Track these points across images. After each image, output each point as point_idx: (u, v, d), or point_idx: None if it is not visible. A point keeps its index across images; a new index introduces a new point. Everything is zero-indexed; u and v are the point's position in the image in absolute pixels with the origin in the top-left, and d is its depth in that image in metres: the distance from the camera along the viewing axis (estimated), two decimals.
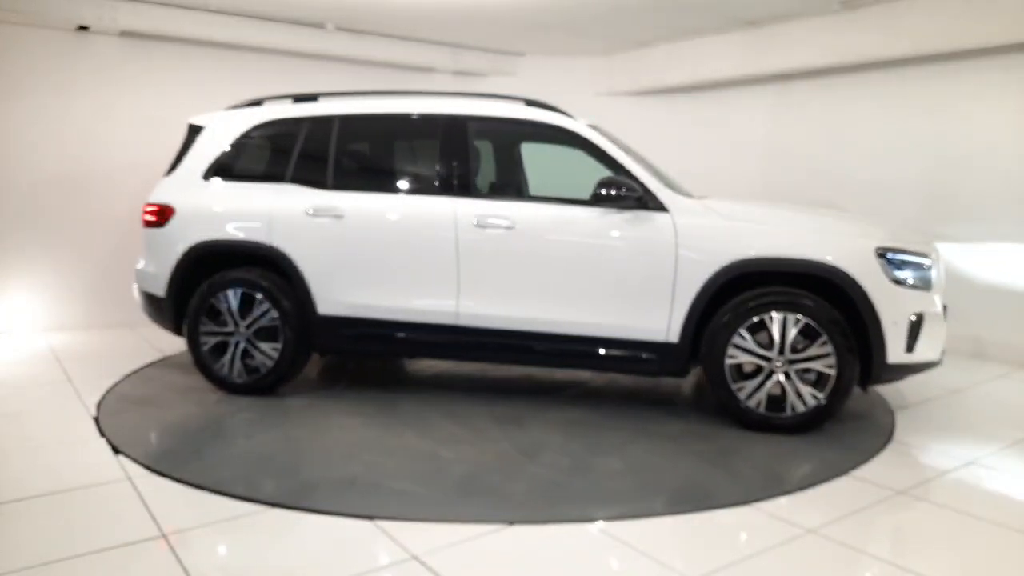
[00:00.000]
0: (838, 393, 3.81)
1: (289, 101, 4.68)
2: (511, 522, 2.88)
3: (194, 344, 4.45)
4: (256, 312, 4.36)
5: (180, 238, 4.48)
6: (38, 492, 3.09)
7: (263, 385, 4.42)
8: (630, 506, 3.06)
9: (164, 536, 2.73)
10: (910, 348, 3.87)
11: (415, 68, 7.84)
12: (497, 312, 4.16)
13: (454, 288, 4.19)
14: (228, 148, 4.59)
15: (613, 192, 3.97)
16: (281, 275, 4.39)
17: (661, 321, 3.98)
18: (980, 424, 4.22)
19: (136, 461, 3.43)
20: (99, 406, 4.25)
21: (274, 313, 4.33)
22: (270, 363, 4.38)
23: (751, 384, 3.89)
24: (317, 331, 4.38)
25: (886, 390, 4.76)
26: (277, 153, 4.61)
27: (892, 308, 3.81)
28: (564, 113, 4.34)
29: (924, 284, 3.93)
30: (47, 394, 4.51)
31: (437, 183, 4.31)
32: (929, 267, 3.97)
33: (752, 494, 3.16)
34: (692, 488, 3.28)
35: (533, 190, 5.26)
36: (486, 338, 4.20)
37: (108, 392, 4.52)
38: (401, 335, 4.31)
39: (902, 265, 3.89)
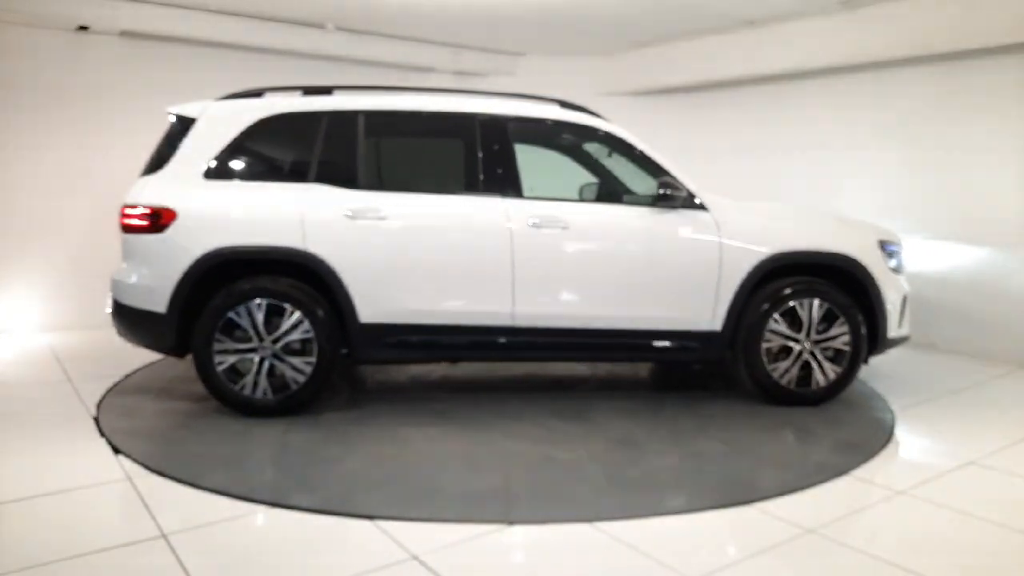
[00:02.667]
0: (853, 366, 4.36)
1: (297, 93, 4.32)
2: (511, 522, 2.88)
3: (206, 365, 4.00)
4: (286, 324, 3.99)
5: (187, 245, 3.97)
6: (38, 492, 3.09)
7: (294, 404, 4.06)
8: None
9: (164, 536, 2.73)
10: (900, 324, 4.52)
11: (415, 68, 7.84)
12: (555, 311, 4.20)
13: (509, 289, 4.13)
14: (231, 143, 4.12)
15: (670, 192, 4.20)
16: (315, 282, 4.04)
17: (707, 311, 4.28)
18: (980, 424, 4.22)
19: (136, 461, 3.43)
20: (99, 406, 4.25)
21: (307, 324, 3.99)
22: (302, 379, 4.03)
23: (784, 364, 4.32)
24: (358, 341, 4.09)
25: (886, 390, 4.77)
26: (293, 150, 4.26)
27: (891, 291, 4.43)
28: (598, 115, 4.50)
29: (902, 270, 4.62)
30: (47, 394, 4.51)
31: (483, 183, 4.21)
32: (902, 255, 4.67)
33: (752, 494, 3.16)
34: (692, 488, 3.29)
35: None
36: (542, 337, 4.23)
37: (108, 392, 4.51)
38: (450, 339, 4.16)
39: (892, 254, 4.54)
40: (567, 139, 4.73)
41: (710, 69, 7.28)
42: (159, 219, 4.01)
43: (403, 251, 4.08)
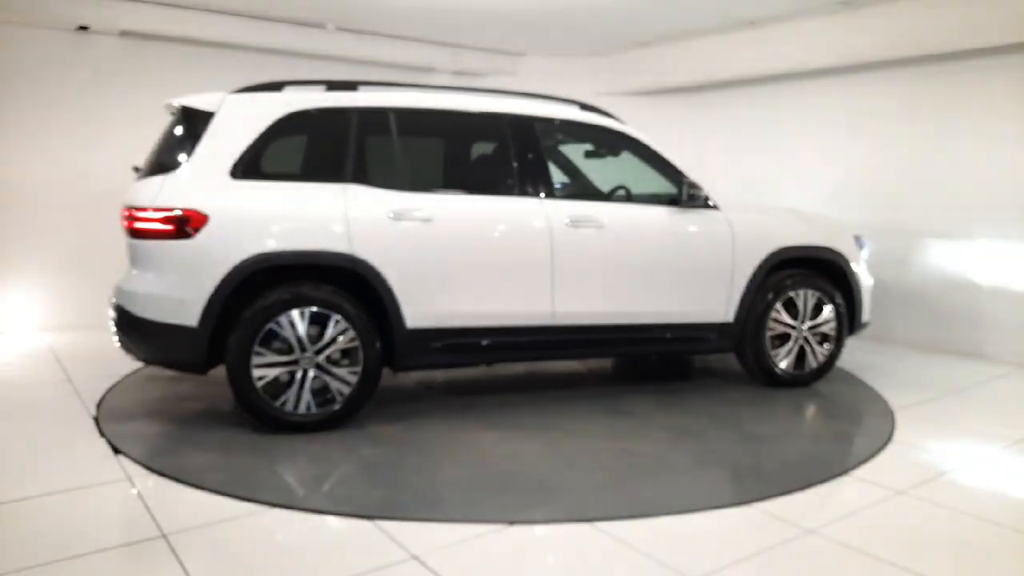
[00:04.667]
0: (839, 348, 4.84)
1: (320, 88, 4.10)
2: (511, 522, 2.88)
3: (244, 381, 3.67)
4: (330, 333, 3.76)
5: (223, 252, 3.64)
6: (38, 492, 3.09)
7: (339, 416, 3.84)
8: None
9: (164, 536, 2.73)
10: (868, 310, 5.03)
11: (415, 68, 7.84)
12: (590, 309, 4.29)
13: (549, 288, 4.16)
14: (256, 140, 3.81)
15: (694, 193, 4.47)
16: (359, 287, 3.85)
17: (722, 304, 4.57)
18: (980, 424, 4.22)
19: (136, 461, 3.43)
20: (99, 406, 4.25)
21: (352, 332, 3.79)
22: (347, 390, 3.83)
23: (784, 349, 4.72)
24: (404, 347, 3.94)
25: (886, 390, 4.77)
26: (325, 148, 4.02)
27: (864, 280, 4.95)
28: (616, 118, 4.63)
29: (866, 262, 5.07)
30: (47, 394, 4.50)
31: (520, 184, 4.21)
32: (868, 249, 5.17)
33: (752, 494, 3.16)
34: (691, 487, 3.29)
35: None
36: (579, 335, 4.31)
37: (108, 392, 4.51)
38: (494, 341, 4.12)
39: (862, 248, 5.05)
40: (587, 140, 4.79)
41: (710, 69, 7.28)
42: (188, 223, 3.63)
43: (448, 253, 3.98)
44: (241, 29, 6.66)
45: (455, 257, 4.00)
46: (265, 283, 3.73)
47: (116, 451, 3.56)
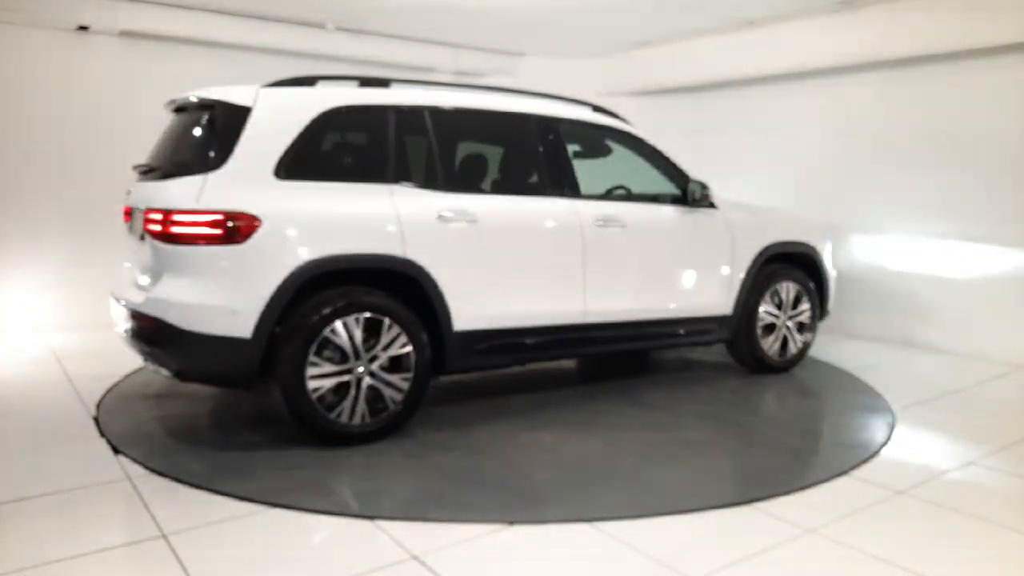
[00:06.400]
0: (813, 334, 5.26)
1: (353, 84, 3.98)
2: (511, 522, 2.88)
3: (300, 393, 3.47)
4: (384, 339, 3.63)
5: (279, 257, 3.43)
6: (38, 492, 3.09)
7: (393, 425, 3.72)
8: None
9: (164, 536, 2.73)
10: (832, 300, 5.43)
11: (415, 68, 7.84)
12: (616, 306, 4.42)
13: (582, 286, 4.25)
14: (299, 137, 3.59)
15: (705, 193, 4.70)
16: (411, 291, 3.75)
17: (724, 297, 4.85)
18: (980, 424, 4.21)
19: (136, 461, 3.43)
20: (99, 406, 4.24)
21: (404, 337, 3.67)
22: (400, 397, 3.71)
23: (771, 339, 5.05)
24: (452, 350, 3.87)
25: (886, 390, 4.77)
26: (366, 146, 3.89)
27: (830, 272, 5.34)
28: (622, 119, 4.80)
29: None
30: (47, 394, 4.50)
31: (553, 184, 4.27)
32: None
33: (752, 494, 3.17)
34: (691, 487, 3.29)
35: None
36: (606, 332, 4.42)
37: (108, 392, 4.51)
38: (531, 341, 4.13)
39: (829, 243, 5.39)
40: (600, 140, 4.86)
41: (710, 69, 7.28)
42: (240, 227, 3.37)
43: (494, 254, 3.97)
44: (241, 29, 6.67)
45: (500, 258, 4.00)
46: (311, 290, 3.52)
47: (116, 451, 3.56)
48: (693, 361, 5.62)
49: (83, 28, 6.22)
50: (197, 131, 3.73)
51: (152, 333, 3.50)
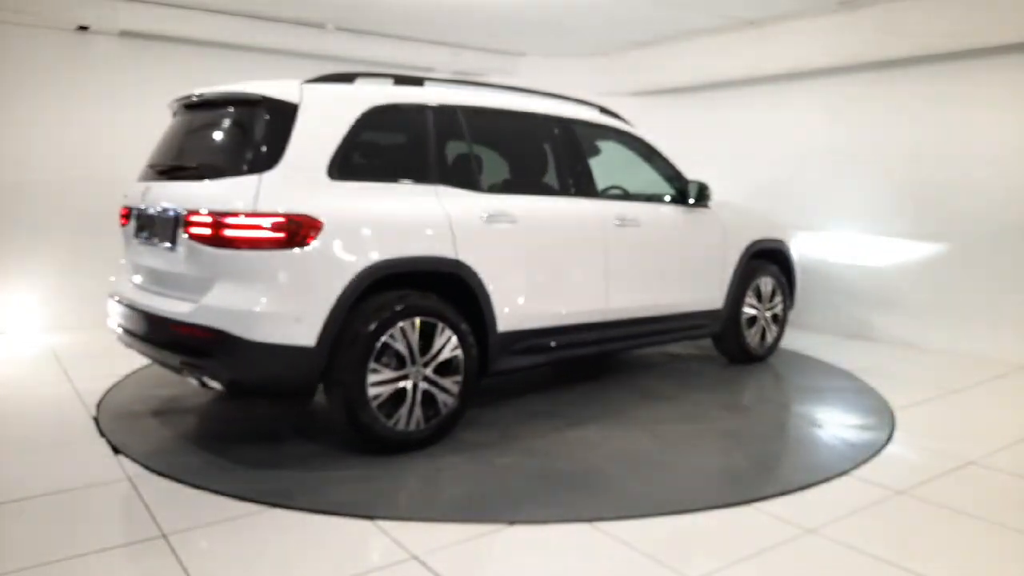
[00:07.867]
0: (784, 326, 5.63)
1: (389, 81, 3.91)
2: (511, 522, 2.88)
3: (360, 400, 3.36)
4: (438, 343, 3.57)
5: (342, 261, 3.31)
6: (38, 492, 3.09)
7: (445, 430, 3.66)
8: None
9: (164, 536, 2.73)
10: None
11: (415, 68, 7.83)
12: (632, 304, 4.54)
13: (603, 285, 4.36)
14: (347, 136, 3.49)
15: (702, 192, 4.89)
16: (459, 293, 3.71)
17: (717, 292, 5.10)
18: (980, 424, 4.22)
19: (136, 461, 3.43)
20: (99, 406, 4.25)
21: (455, 341, 3.63)
22: (451, 401, 3.65)
23: (753, 330, 5.36)
24: (494, 352, 3.84)
25: (886, 390, 4.77)
26: (408, 146, 3.80)
27: (796, 266, 5.69)
28: (625, 120, 4.97)
29: None
30: (47, 394, 4.51)
31: (579, 185, 4.39)
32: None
33: (752, 493, 3.17)
34: (692, 486, 3.29)
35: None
36: (622, 329, 4.54)
37: (108, 392, 4.51)
38: (557, 340, 4.15)
39: (790, 239, 5.69)
40: (614, 143, 4.96)
41: (710, 69, 7.28)
42: (302, 230, 3.22)
43: (531, 255, 4.00)
44: (241, 29, 6.67)
45: (535, 258, 4.02)
46: (363, 295, 3.40)
47: (116, 451, 3.56)
48: (675, 355, 5.82)
49: (83, 28, 6.22)
50: (234, 129, 3.57)
51: (203, 344, 3.25)
